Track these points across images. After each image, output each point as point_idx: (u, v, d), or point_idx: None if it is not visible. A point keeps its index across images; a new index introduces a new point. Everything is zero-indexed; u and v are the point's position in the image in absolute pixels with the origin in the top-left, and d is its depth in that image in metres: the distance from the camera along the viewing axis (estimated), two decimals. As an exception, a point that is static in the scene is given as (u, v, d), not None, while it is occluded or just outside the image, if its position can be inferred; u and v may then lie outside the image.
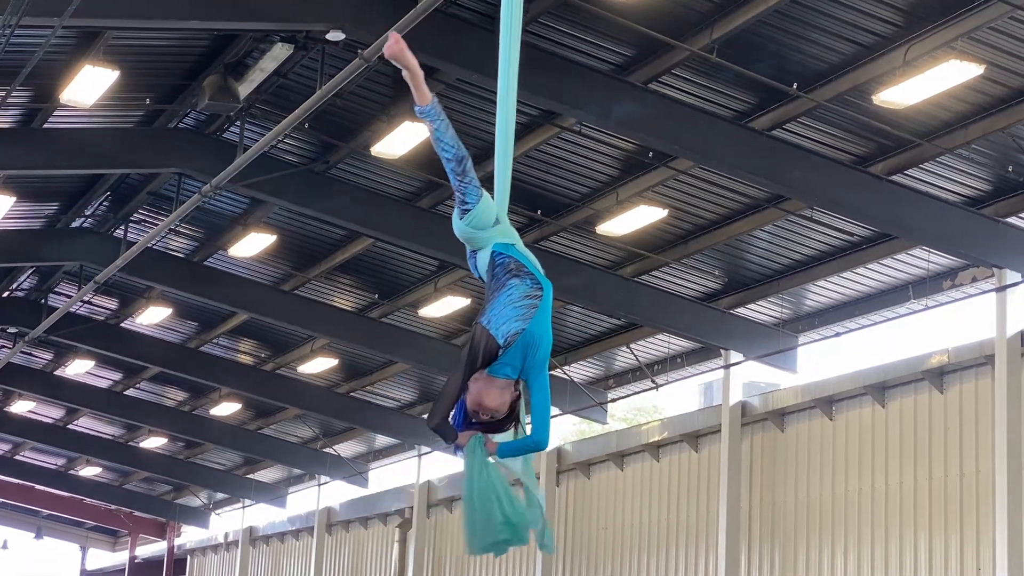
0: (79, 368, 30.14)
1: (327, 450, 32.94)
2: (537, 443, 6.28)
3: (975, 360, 17.93)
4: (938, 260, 18.63)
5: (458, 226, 6.41)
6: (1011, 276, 17.10)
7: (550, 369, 6.40)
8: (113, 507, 42.96)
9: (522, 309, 6.15)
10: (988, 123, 15.62)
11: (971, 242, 16.94)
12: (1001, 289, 17.20)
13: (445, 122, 6.26)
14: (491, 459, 6.30)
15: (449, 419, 6.21)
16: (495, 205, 6.42)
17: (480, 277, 6.49)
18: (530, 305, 6.16)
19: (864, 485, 19.45)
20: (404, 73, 6.25)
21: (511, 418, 6.23)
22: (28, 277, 26.52)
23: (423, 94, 6.22)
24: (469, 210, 6.32)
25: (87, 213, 22.92)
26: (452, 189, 6.24)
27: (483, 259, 6.40)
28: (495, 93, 6.67)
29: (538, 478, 6.37)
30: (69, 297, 25.46)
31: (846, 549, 19.58)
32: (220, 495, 39.41)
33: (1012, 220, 17.04)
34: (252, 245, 22.04)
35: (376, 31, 14.15)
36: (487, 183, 6.41)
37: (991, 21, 13.91)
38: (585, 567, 24.94)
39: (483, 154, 18.61)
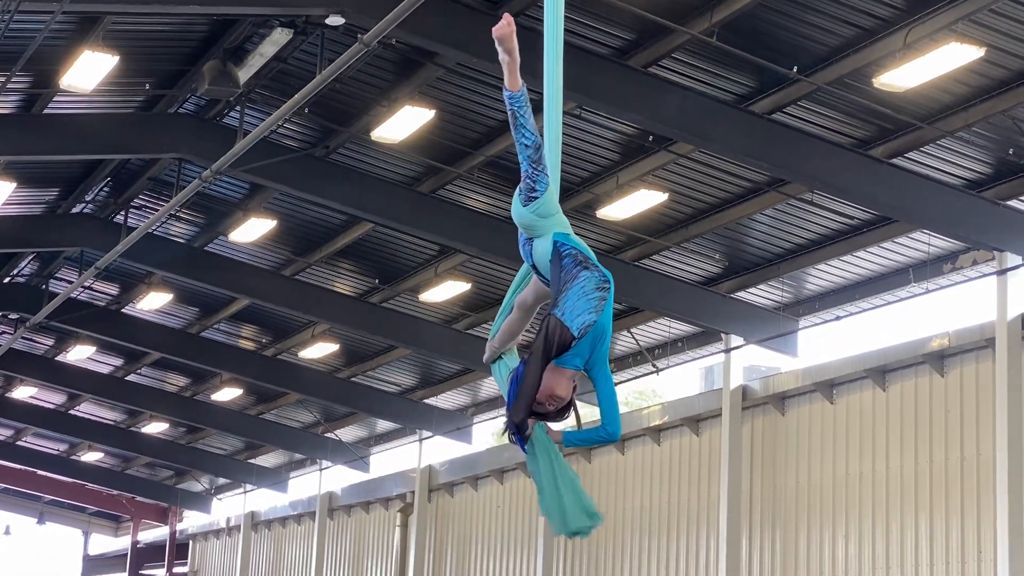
0: (80, 354, 30.16)
1: (328, 435, 32.98)
2: (612, 434, 6.41)
3: (976, 343, 17.93)
4: (939, 243, 18.62)
5: (521, 213, 6.46)
6: (1012, 259, 17.10)
7: None
8: (115, 492, 43.02)
9: (594, 301, 6.24)
10: (989, 106, 15.61)
11: (972, 225, 16.94)
12: (1002, 272, 17.20)
13: (529, 109, 6.35)
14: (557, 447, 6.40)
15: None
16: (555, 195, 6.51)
17: (533, 264, 6.53)
18: (600, 297, 6.26)
19: (865, 468, 19.47)
20: (502, 56, 6.31)
21: (569, 407, 6.33)
22: (29, 263, 26.52)
23: (516, 80, 6.32)
24: (537, 198, 6.41)
25: (87, 199, 22.92)
26: (456, 174, 6.30)
27: (542, 247, 6.44)
28: (494, 77, 6.73)
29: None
30: (70, 283, 25.47)
31: (847, 532, 19.61)
32: (222, 480, 39.47)
33: (1013, 203, 17.04)
34: (252, 230, 22.04)
35: (375, 15, 14.12)
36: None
37: (991, 3, 13.89)
38: (586, 551, 24.98)
39: (485, 138, 18.68)
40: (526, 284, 6.84)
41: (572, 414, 6.40)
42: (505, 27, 6.29)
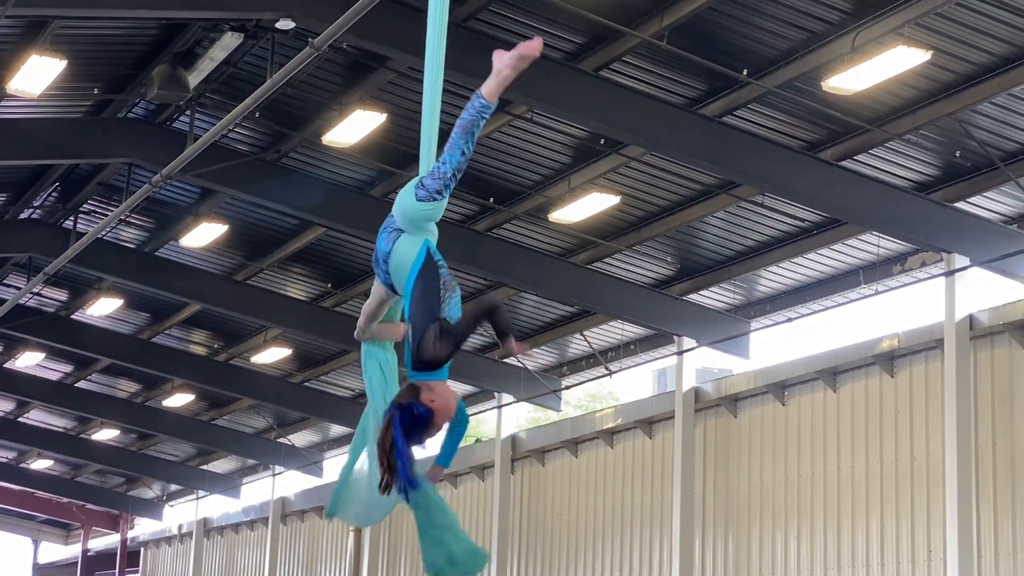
0: (29, 360, 29.90)
1: (281, 440, 32.84)
2: (461, 420, 6.33)
3: (925, 344, 18.08)
4: (888, 245, 18.77)
5: (413, 207, 6.26)
6: (959, 260, 17.24)
7: (506, 356, 6.57)
8: (65, 500, 42.67)
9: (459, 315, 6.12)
10: (936, 108, 15.74)
11: (920, 227, 17.07)
12: (950, 273, 17.34)
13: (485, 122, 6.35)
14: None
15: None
16: None
17: (385, 252, 6.29)
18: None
19: (816, 469, 19.59)
20: (505, 71, 6.31)
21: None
22: (-24, 269, 26.30)
23: (496, 95, 6.32)
24: (437, 201, 6.27)
25: (36, 204, 22.73)
26: (408, 177, 6.24)
27: (408, 246, 6.22)
28: (445, 81, 6.76)
29: (492, 466, 6.44)
30: (18, 289, 25.24)
31: (799, 533, 19.73)
32: (173, 487, 39.23)
33: (960, 205, 17.18)
34: (203, 235, 21.92)
35: (325, 19, 14.07)
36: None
37: (938, 7, 14.02)
38: (540, 554, 25.00)
39: (437, 142, 18.65)
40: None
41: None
42: (535, 50, 6.30)
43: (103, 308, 26.26)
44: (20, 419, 35.59)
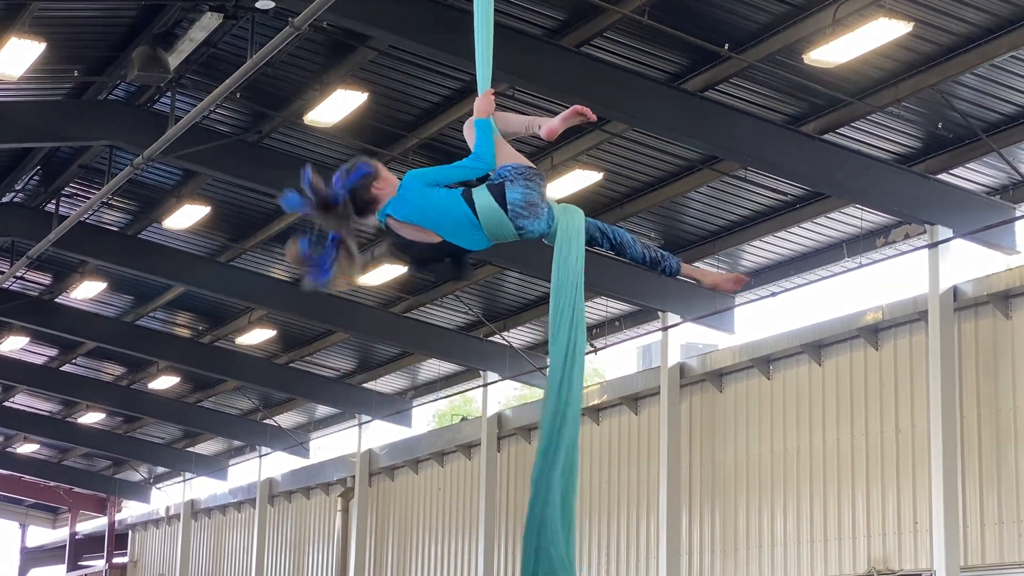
0: (14, 345, 29.82)
1: (267, 421, 32.83)
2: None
3: (909, 316, 18.14)
4: (871, 218, 18.80)
5: (543, 228, 6.85)
6: (943, 232, 17.29)
7: (491, 335, 6.73)
8: (52, 484, 42.60)
9: None
10: (918, 80, 15.76)
11: (903, 199, 17.10)
12: (933, 245, 17.38)
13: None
14: None
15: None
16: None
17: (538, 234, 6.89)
18: None
19: (802, 442, 19.65)
20: (703, 281, 7.73)
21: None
22: (-41, 254, 26.19)
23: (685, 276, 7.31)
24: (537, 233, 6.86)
25: (17, 188, 22.65)
26: (390, 157, 6.37)
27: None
28: (427, 59, 6.77)
29: (479, 444, 6.52)
30: (2, 273, 25.16)
31: (785, 506, 19.79)
32: (161, 469, 39.21)
33: (943, 177, 17.22)
34: (186, 217, 21.88)
35: (306, -2, 14.04)
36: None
37: (919, -21, 14.03)
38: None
39: (419, 120, 18.64)
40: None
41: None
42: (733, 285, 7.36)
43: (87, 291, 26.20)
44: (5, 403, 35.51)
